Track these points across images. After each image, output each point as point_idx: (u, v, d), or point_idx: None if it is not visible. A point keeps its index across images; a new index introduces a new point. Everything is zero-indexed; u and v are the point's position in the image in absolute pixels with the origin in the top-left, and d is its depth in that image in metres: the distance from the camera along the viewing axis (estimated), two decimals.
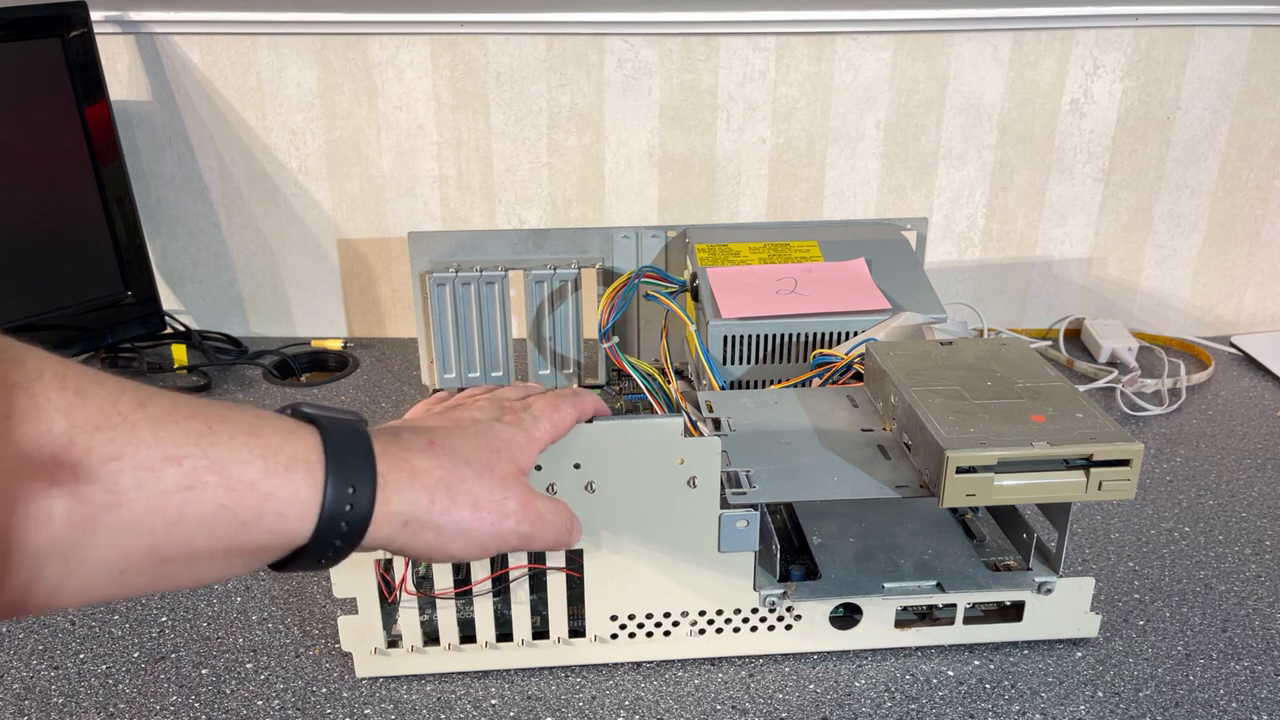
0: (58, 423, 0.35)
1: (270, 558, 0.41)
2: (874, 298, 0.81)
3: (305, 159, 1.10)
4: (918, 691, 0.61)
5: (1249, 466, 0.88)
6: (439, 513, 0.45)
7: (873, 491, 0.59)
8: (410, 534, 0.44)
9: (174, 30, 1.05)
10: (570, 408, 0.54)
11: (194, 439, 0.38)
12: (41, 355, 0.36)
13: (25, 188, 0.95)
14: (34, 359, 0.36)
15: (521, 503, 0.48)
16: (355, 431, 0.43)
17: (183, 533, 0.37)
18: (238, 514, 0.38)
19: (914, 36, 1.05)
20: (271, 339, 1.16)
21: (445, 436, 0.47)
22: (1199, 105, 1.09)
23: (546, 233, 0.91)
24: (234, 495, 0.38)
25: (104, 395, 0.36)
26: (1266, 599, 0.70)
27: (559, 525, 0.51)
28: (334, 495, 0.41)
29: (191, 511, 0.37)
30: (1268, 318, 1.20)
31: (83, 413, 0.35)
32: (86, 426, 0.35)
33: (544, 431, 0.52)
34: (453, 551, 0.46)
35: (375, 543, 0.43)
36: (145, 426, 0.37)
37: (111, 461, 0.35)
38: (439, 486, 0.45)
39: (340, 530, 0.41)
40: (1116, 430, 0.57)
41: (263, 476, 0.39)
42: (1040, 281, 1.17)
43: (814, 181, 1.11)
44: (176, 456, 0.37)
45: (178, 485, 0.37)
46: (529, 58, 1.06)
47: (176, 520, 0.37)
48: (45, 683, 0.62)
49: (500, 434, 0.49)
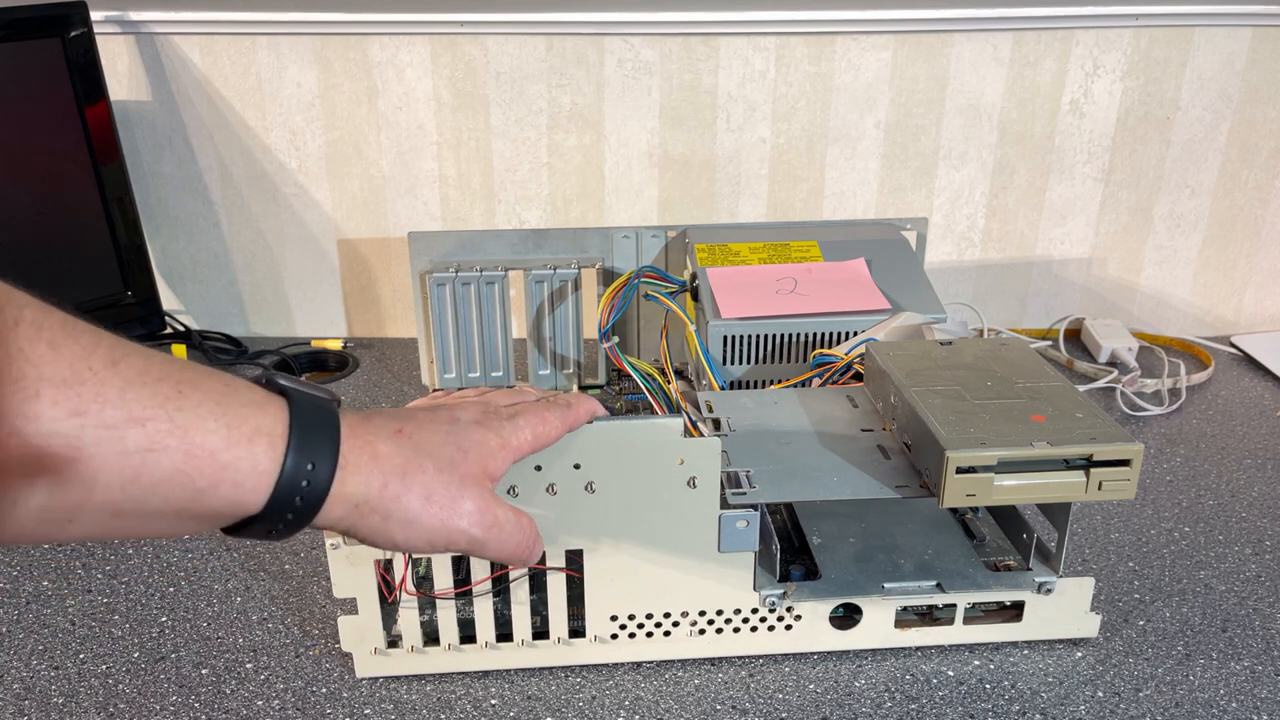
0: (27, 373, 0.35)
1: (221, 523, 0.42)
2: (874, 298, 0.81)
3: (305, 159, 1.10)
4: (918, 691, 0.61)
5: (1249, 466, 0.88)
6: (389, 499, 0.44)
7: (873, 491, 0.59)
8: (358, 516, 0.44)
9: (174, 30, 1.05)
10: (558, 419, 0.53)
11: (160, 401, 0.38)
12: (23, 302, 0.37)
13: (25, 188, 0.95)
14: (14, 305, 0.36)
15: (479, 505, 0.47)
16: (324, 409, 0.43)
17: (137, 491, 0.38)
18: (194, 480, 0.39)
19: (914, 36, 1.05)
20: (271, 339, 1.16)
21: (416, 428, 0.47)
22: (1199, 105, 1.09)
23: (546, 233, 0.91)
24: (193, 462, 0.38)
25: (77, 349, 0.37)
26: (1266, 599, 0.70)
27: (517, 539, 0.50)
28: (292, 469, 0.41)
29: (148, 474, 0.38)
30: (1268, 318, 1.20)
31: (52, 365, 0.36)
32: (55, 379, 0.35)
33: (523, 441, 0.51)
34: (396, 540, 0.46)
35: (328, 522, 0.43)
36: (114, 385, 0.37)
37: (75, 417, 0.36)
38: (394, 473, 0.45)
39: (294, 505, 0.41)
40: (1116, 430, 0.57)
41: (224, 446, 0.39)
42: (1040, 281, 1.17)
43: (814, 181, 1.11)
44: (140, 418, 0.37)
45: (138, 447, 0.37)
46: (529, 58, 1.06)
47: (133, 480, 0.37)
48: (45, 683, 0.62)
49: (474, 435, 0.49)
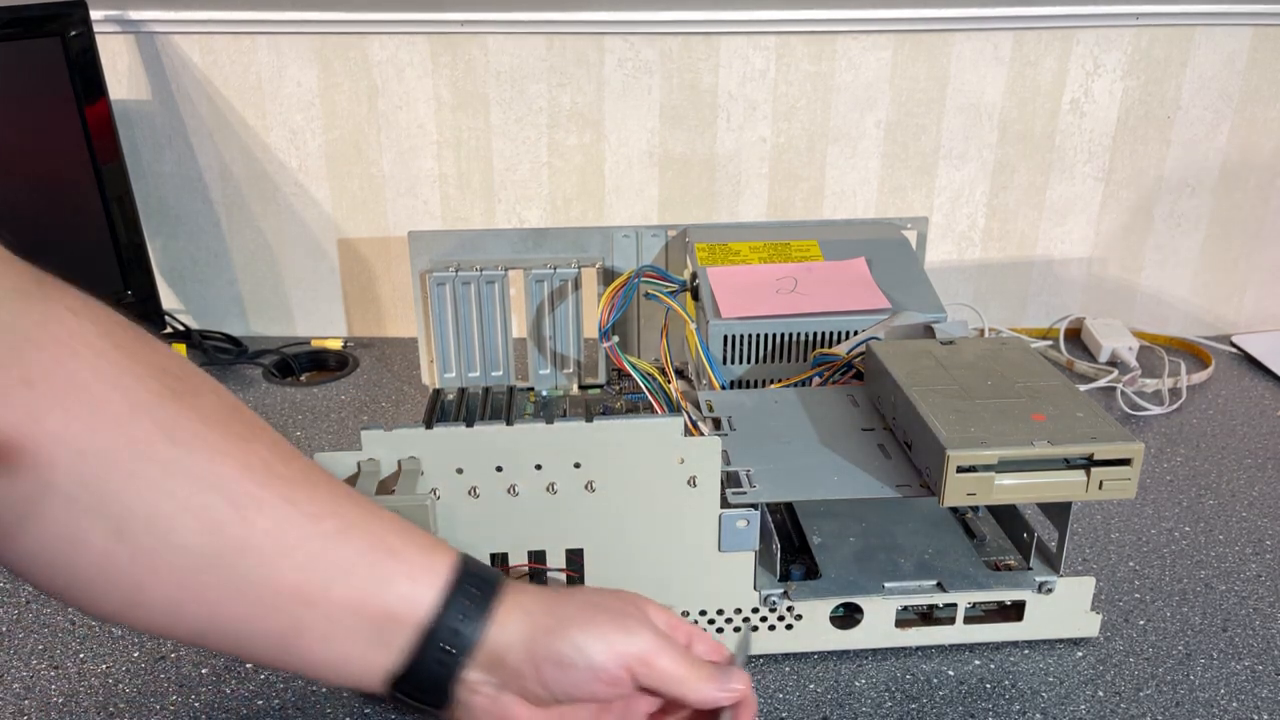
0: (264, 520, 0.40)
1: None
2: (874, 297, 0.81)
3: (305, 158, 1.10)
4: (918, 691, 0.61)
5: (1249, 466, 0.88)
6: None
7: (873, 491, 0.59)
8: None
9: (174, 29, 1.05)
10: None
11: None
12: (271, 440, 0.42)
13: (25, 187, 0.95)
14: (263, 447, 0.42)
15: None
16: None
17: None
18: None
19: (914, 36, 1.05)
20: (271, 338, 1.16)
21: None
22: (1199, 105, 1.09)
23: (546, 232, 0.91)
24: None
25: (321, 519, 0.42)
26: (1267, 599, 0.70)
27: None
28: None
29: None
30: (1268, 317, 1.20)
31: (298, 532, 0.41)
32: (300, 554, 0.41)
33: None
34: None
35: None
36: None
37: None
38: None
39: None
40: (1117, 429, 0.57)
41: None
42: (1040, 281, 1.17)
43: (814, 181, 1.11)
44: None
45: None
46: (529, 57, 1.06)
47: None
48: (45, 683, 0.62)
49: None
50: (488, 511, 0.58)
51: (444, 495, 0.58)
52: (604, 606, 0.46)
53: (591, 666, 0.44)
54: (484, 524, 0.59)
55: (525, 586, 0.46)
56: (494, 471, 0.58)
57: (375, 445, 0.57)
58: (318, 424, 0.95)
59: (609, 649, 0.44)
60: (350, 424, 0.95)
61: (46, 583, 0.40)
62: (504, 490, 0.58)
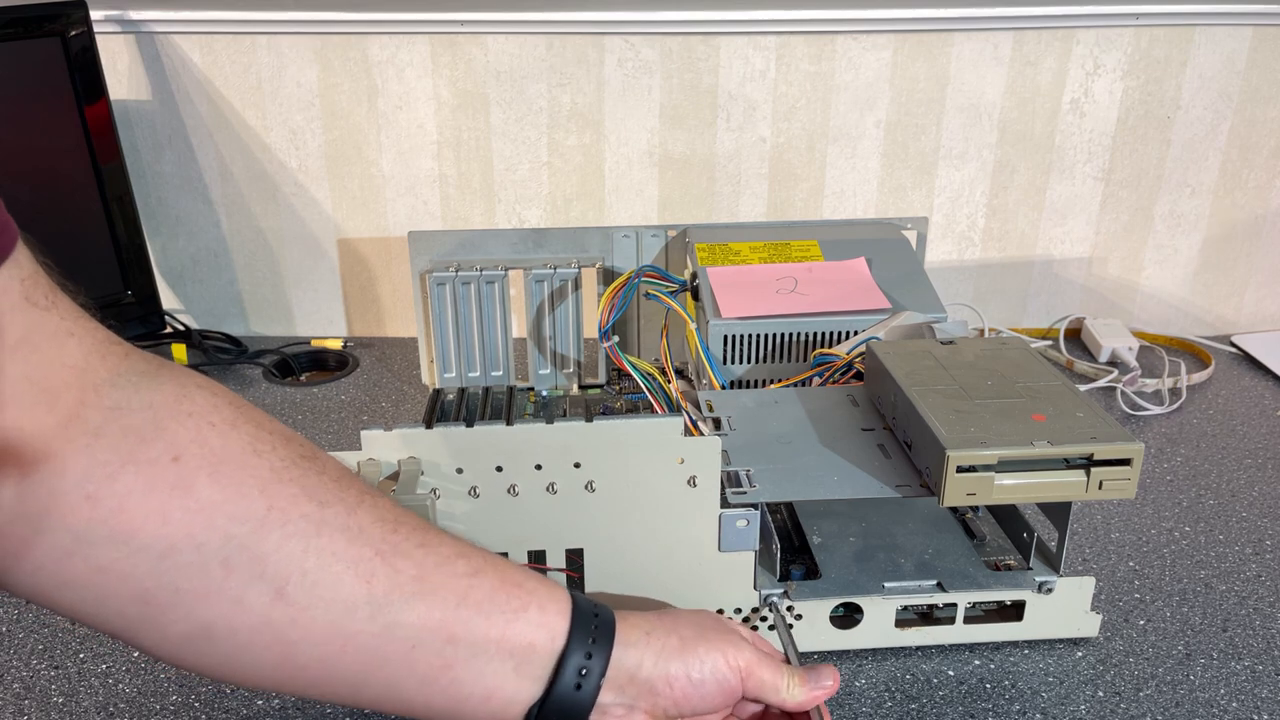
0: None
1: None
2: (874, 297, 0.81)
3: (305, 158, 1.10)
4: (918, 691, 0.61)
5: (1249, 466, 0.88)
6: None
7: (873, 491, 0.59)
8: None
9: (174, 29, 1.05)
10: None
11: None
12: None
13: (25, 187, 0.95)
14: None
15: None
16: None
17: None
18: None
19: (914, 36, 1.05)
20: (271, 338, 1.16)
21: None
22: (1199, 105, 1.09)
23: (546, 232, 0.91)
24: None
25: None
26: (1267, 599, 0.70)
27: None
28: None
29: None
30: (1268, 317, 1.20)
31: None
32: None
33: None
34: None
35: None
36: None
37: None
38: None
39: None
40: (1117, 429, 0.57)
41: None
42: (1040, 281, 1.17)
43: (814, 181, 1.11)
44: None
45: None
46: (529, 57, 1.06)
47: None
48: (45, 683, 0.62)
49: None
50: (488, 511, 0.58)
51: (444, 495, 0.58)
52: (706, 624, 0.51)
53: (718, 680, 0.49)
54: (484, 524, 0.59)
55: (625, 611, 0.49)
56: (494, 471, 0.58)
57: (375, 445, 0.57)
58: (318, 424, 0.95)
59: (728, 663, 0.49)
60: (350, 424, 0.95)
61: (195, 660, 0.41)
62: (504, 490, 0.58)
